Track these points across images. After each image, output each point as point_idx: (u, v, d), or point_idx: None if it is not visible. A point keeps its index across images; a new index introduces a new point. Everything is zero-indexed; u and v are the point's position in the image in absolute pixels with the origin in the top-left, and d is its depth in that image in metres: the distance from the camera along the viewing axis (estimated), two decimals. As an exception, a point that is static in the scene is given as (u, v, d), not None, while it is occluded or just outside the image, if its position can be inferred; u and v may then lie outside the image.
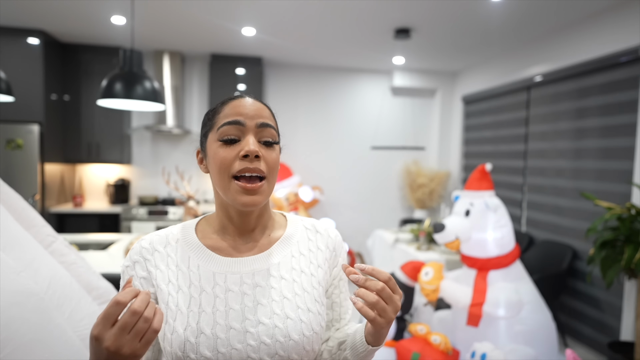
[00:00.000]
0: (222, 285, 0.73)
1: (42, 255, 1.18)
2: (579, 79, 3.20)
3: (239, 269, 0.75)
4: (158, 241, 0.77)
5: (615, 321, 2.83)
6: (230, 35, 3.75)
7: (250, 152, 0.71)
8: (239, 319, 0.70)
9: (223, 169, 0.72)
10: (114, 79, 2.22)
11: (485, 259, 2.25)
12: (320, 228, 0.85)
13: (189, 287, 0.72)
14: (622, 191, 2.80)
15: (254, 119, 0.74)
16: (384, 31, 3.53)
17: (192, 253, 0.76)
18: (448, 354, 2.14)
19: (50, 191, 3.97)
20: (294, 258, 0.79)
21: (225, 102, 0.77)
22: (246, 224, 0.78)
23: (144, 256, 0.76)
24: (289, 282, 0.76)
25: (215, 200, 0.80)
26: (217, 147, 0.73)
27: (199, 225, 0.81)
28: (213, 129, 0.75)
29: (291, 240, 0.81)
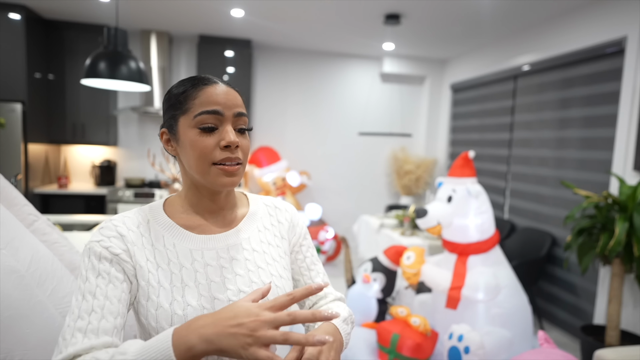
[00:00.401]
0: (200, 261, 0.77)
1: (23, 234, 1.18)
2: (564, 69, 3.24)
3: (214, 245, 0.79)
4: (130, 222, 0.77)
5: (589, 306, 2.94)
6: (219, 16, 3.70)
7: (232, 143, 0.74)
8: (221, 289, 0.76)
9: (203, 156, 0.74)
10: (97, 58, 2.19)
11: (465, 244, 2.30)
12: (278, 204, 0.93)
13: (168, 264, 0.75)
14: (602, 180, 2.88)
15: (232, 109, 0.76)
16: (374, 16, 3.52)
17: (165, 232, 0.78)
18: (427, 335, 2.21)
19: (34, 172, 3.92)
20: (261, 232, 0.86)
21: (198, 87, 0.76)
22: (217, 203, 0.82)
23: (120, 232, 0.75)
24: (260, 253, 0.83)
25: (184, 181, 0.82)
26: (195, 135, 0.75)
27: (167, 205, 0.83)
28: (187, 114, 0.76)
29: (255, 216, 0.88)
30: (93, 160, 4.45)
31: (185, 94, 0.77)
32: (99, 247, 0.72)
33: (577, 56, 3.07)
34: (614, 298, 2.41)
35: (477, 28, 3.72)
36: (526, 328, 2.31)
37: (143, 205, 0.83)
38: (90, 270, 0.71)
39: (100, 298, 0.69)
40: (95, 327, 0.66)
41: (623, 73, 2.71)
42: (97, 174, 4.31)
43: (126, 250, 0.74)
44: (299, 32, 4.10)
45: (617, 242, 2.22)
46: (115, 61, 2.19)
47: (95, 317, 0.67)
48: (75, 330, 0.66)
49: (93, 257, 0.72)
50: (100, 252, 0.72)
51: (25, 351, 0.95)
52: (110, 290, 0.70)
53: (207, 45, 4.37)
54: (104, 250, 0.72)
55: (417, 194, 5.08)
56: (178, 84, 0.80)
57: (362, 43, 4.42)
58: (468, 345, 1.99)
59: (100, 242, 0.73)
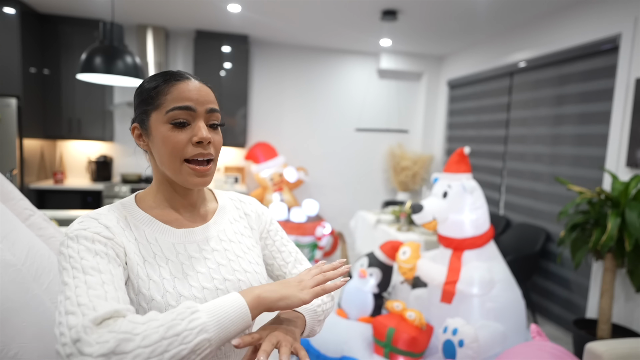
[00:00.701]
0: (184, 253, 0.79)
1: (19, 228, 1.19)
2: (559, 66, 3.26)
3: (194, 238, 0.82)
4: (106, 218, 0.75)
5: (582, 300, 2.97)
6: (216, 11, 3.69)
7: (204, 139, 0.75)
8: (208, 279, 0.78)
9: (175, 152, 0.75)
10: (93, 53, 2.18)
11: (460, 239, 2.32)
12: (242, 198, 0.98)
13: (154, 257, 0.76)
14: (595, 177, 2.90)
15: (204, 105, 0.77)
16: (371, 12, 3.52)
17: (145, 227, 0.78)
18: (422, 329, 2.23)
19: (30, 167, 3.91)
20: (232, 224, 0.90)
21: (170, 82, 0.76)
22: (190, 198, 0.85)
23: (103, 223, 0.73)
24: (236, 243, 0.87)
25: (156, 176, 0.83)
26: (167, 131, 0.75)
27: (139, 201, 0.83)
28: (159, 110, 0.76)
29: (225, 210, 0.92)
30: (89, 156, 4.44)
31: (158, 89, 0.76)
32: (89, 233, 0.69)
33: (572, 53, 3.08)
34: (605, 292, 2.44)
35: (474, 25, 3.73)
36: (519, 322, 2.34)
37: (112, 204, 0.81)
38: (85, 251, 0.66)
39: (107, 274, 0.64)
40: (114, 296, 0.62)
41: (617, 70, 2.73)
42: (93, 169, 4.30)
43: (114, 239, 0.72)
44: (296, 27, 4.10)
45: (609, 238, 2.25)
46: (111, 56, 2.19)
47: (109, 287, 0.62)
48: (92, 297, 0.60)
49: (84, 240, 0.67)
50: (92, 236, 0.68)
51: (21, 344, 0.96)
52: (113, 268, 0.66)
53: (204, 40, 4.35)
54: (95, 235, 0.69)
55: (413, 190, 5.10)
56: (150, 78, 0.80)
57: (359, 39, 4.42)
58: (462, 338, 2.01)
59: (88, 229, 0.69)
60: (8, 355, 0.92)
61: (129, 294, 0.72)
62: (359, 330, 2.37)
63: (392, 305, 2.33)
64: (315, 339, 2.35)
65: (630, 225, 2.21)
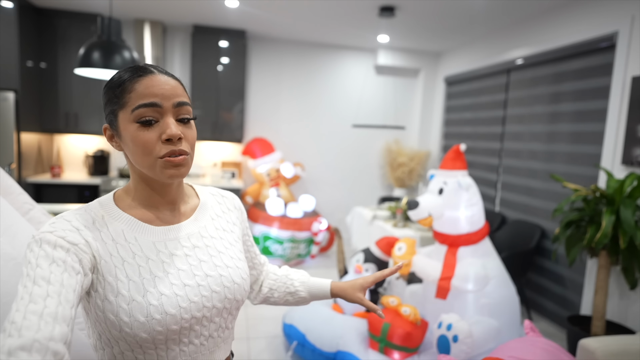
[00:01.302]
0: (165, 251, 0.78)
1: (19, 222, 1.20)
2: (556, 63, 3.28)
3: (175, 235, 0.81)
4: (82, 219, 0.73)
5: (576, 297, 3.01)
6: (213, 6, 3.68)
7: (174, 136, 0.72)
8: (189, 276, 0.77)
9: (146, 152, 0.72)
10: (91, 48, 2.18)
11: (455, 235, 2.35)
12: (223, 193, 0.97)
13: (134, 257, 0.74)
14: (591, 174, 2.93)
15: (171, 99, 0.73)
16: (368, 8, 3.52)
17: (124, 227, 0.76)
18: (417, 325, 2.26)
19: (27, 161, 3.90)
20: (214, 220, 0.90)
21: (134, 79, 0.73)
22: (169, 194, 0.82)
23: (75, 226, 0.70)
24: (218, 239, 0.87)
25: (133, 175, 0.80)
26: (135, 130, 0.72)
27: (117, 200, 0.80)
28: (125, 109, 0.73)
29: (207, 206, 0.90)
30: (86, 150, 4.44)
31: (122, 87, 0.73)
32: (53, 237, 0.66)
33: (569, 51, 3.10)
34: (600, 289, 2.47)
35: (471, 21, 3.74)
36: (513, 318, 2.37)
37: (89, 203, 0.79)
38: (43, 258, 0.63)
39: (56, 284, 0.61)
40: (52, 312, 0.58)
41: (613, 68, 2.75)
42: (90, 163, 4.30)
43: (86, 243, 0.70)
44: (293, 23, 4.09)
45: (603, 235, 2.28)
46: (109, 51, 2.19)
47: (51, 302, 0.59)
48: (27, 313, 0.57)
49: (46, 246, 0.65)
50: (56, 241, 0.66)
51: (22, 336, 0.97)
52: (66, 278, 0.63)
53: (201, 35, 4.34)
54: (60, 239, 0.66)
55: (410, 186, 5.13)
56: (115, 75, 0.76)
57: (356, 35, 4.42)
58: (456, 334, 2.04)
59: (54, 232, 0.67)
60: (9, 347, 0.93)
61: (107, 296, 0.70)
62: (354, 325, 2.39)
63: (388, 300, 2.36)
64: (311, 334, 2.37)
65: (625, 222, 2.24)
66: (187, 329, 0.76)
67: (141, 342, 0.71)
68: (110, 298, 0.70)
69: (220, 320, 0.82)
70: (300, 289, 1.05)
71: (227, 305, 0.82)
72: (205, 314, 0.78)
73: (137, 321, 0.70)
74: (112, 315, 0.70)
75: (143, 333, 0.70)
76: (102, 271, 0.71)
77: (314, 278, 1.07)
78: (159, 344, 0.73)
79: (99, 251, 0.71)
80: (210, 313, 0.79)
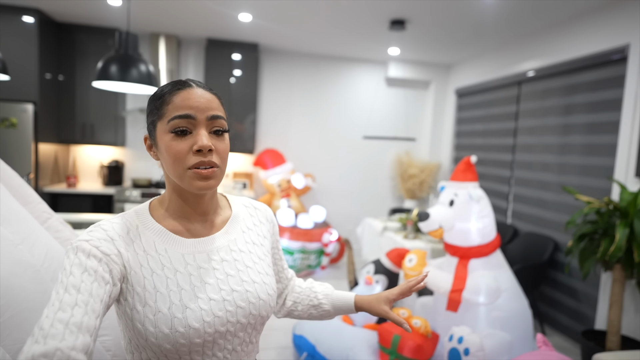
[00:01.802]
0: (193, 264, 0.79)
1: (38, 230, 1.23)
2: (568, 75, 3.27)
3: (204, 248, 0.82)
4: (119, 228, 0.76)
5: (591, 311, 2.95)
6: (227, 20, 3.76)
7: (204, 147, 0.74)
8: (215, 290, 0.78)
9: (177, 161, 0.75)
10: (109, 61, 2.25)
11: (466, 247, 2.33)
12: (256, 204, 0.98)
13: (162, 269, 0.76)
14: (604, 186, 2.89)
15: (205, 112, 0.76)
16: (379, 22, 3.56)
17: (156, 238, 0.78)
18: (428, 337, 2.24)
19: (44, 171, 4.00)
20: (245, 233, 0.90)
21: (173, 92, 0.77)
22: (201, 206, 0.84)
23: (110, 236, 0.74)
24: (247, 253, 0.87)
25: (167, 185, 0.83)
26: (170, 140, 0.75)
27: (152, 210, 0.83)
28: (162, 119, 0.76)
29: (238, 218, 0.91)
30: (101, 161, 4.53)
31: (162, 99, 0.77)
32: (88, 246, 0.70)
33: (580, 63, 3.09)
34: (614, 303, 2.42)
35: (482, 33, 3.76)
36: (526, 331, 2.33)
37: (127, 211, 0.82)
38: (76, 266, 0.67)
39: (85, 294, 0.65)
40: (78, 321, 0.62)
41: (626, 80, 2.74)
42: (105, 173, 4.38)
43: (118, 254, 0.73)
44: (305, 36, 4.16)
45: (617, 248, 2.24)
46: (126, 64, 2.25)
47: (78, 311, 0.63)
48: (55, 320, 0.61)
49: (81, 254, 0.69)
50: (90, 250, 0.70)
51: (40, 341, 1.00)
52: (95, 288, 0.67)
53: (215, 48, 4.43)
54: (94, 248, 0.70)
55: (420, 197, 5.11)
56: (159, 89, 0.80)
57: (367, 47, 4.47)
58: (468, 347, 2.02)
59: (90, 242, 0.71)
60: (27, 352, 0.96)
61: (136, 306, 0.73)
62: (364, 337, 2.38)
63: (398, 312, 2.34)
64: (321, 345, 2.36)
65: (639, 235, 2.20)
66: (210, 342, 0.76)
67: (166, 352, 0.73)
68: (138, 308, 0.73)
69: (245, 335, 0.82)
70: (324, 302, 1.03)
71: (251, 320, 0.81)
72: (229, 329, 0.78)
73: (161, 332, 0.71)
74: (139, 324, 0.72)
75: (167, 344, 0.72)
76: (131, 281, 0.74)
77: (338, 291, 1.05)
78: (183, 355, 0.74)
79: (130, 262, 0.74)
80: (235, 328, 0.79)
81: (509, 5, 3.02)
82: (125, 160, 4.65)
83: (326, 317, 1.05)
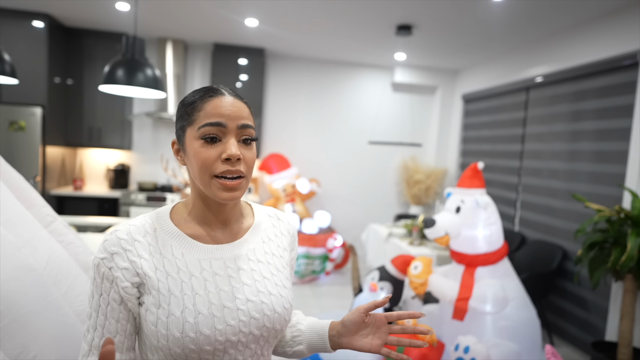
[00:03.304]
0: (209, 270, 0.78)
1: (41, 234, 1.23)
2: (577, 81, 3.23)
3: (221, 255, 0.81)
4: (136, 231, 0.77)
5: (601, 322, 2.89)
6: (233, 25, 3.77)
7: (233, 157, 0.74)
8: (229, 298, 0.77)
9: (204, 168, 0.75)
10: (116, 65, 2.26)
11: (473, 255, 2.30)
12: (280, 215, 0.95)
13: (178, 272, 0.76)
14: (614, 194, 2.85)
15: (236, 120, 0.76)
16: (386, 27, 3.56)
17: (173, 241, 0.79)
18: (433, 346, 2.20)
19: (51, 174, 4.02)
20: (265, 243, 0.88)
21: (204, 99, 0.77)
22: (223, 214, 0.83)
23: (123, 247, 0.75)
24: (265, 264, 0.85)
25: (192, 190, 0.83)
26: (199, 146, 0.75)
27: (173, 213, 0.83)
28: (192, 125, 0.76)
29: (260, 228, 0.89)
30: (107, 164, 4.55)
31: (193, 105, 0.77)
32: (103, 267, 0.75)
33: (590, 69, 3.06)
34: (626, 314, 2.37)
35: (489, 39, 3.73)
36: (534, 342, 2.29)
37: (150, 212, 0.83)
38: (96, 288, 0.76)
39: (102, 317, 0.75)
40: (97, 344, 0.75)
41: (637, 86, 2.70)
42: (111, 177, 4.40)
43: (129, 268, 0.74)
44: (311, 41, 4.16)
45: (629, 258, 2.20)
46: (132, 68, 2.26)
47: (97, 334, 0.75)
48: (85, 341, 0.76)
49: (97, 275, 0.75)
50: (104, 273, 0.74)
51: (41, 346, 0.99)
52: (109, 312, 0.75)
53: (221, 53, 4.45)
54: (107, 270, 0.74)
55: (426, 203, 5.07)
56: (190, 94, 0.81)
57: (373, 53, 4.46)
58: (474, 357, 1.98)
59: (104, 261, 0.75)
60: (27, 357, 0.95)
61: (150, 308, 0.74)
62: (369, 345, 2.34)
63: (403, 320, 2.31)
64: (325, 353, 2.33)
65: (650, 245, 2.16)
66: (221, 351, 0.75)
67: (176, 356, 0.73)
68: (152, 309, 0.74)
69: (257, 347, 0.80)
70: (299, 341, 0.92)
71: (264, 333, 0.80)
72: (241, 339, 0.77)
73: (172, 335, 0.72)
74: (152, 325, 0.73)
75: (177, 348, 0.72)
76: (147, 285, 0.75)
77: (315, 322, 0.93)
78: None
79: (143, 267, 0.75)
80: (247, 339, 0.77)
81: (516, 10, 3.00)
82: (132, 164, 4.66)
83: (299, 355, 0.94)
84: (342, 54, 4.61)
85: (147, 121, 4.63)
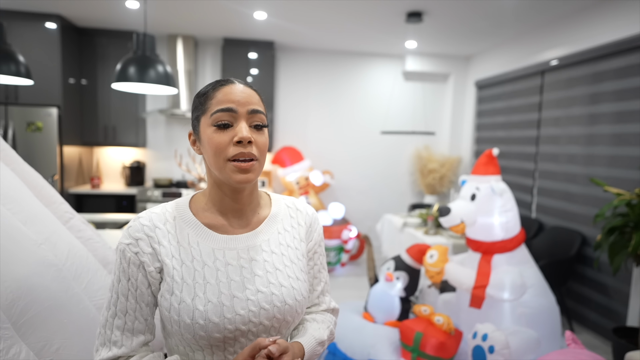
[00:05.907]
0: (222, 260, 0.80)
1: (60, 230, 1.26)
2: (594, 63, 3.14)
3: (235, 245, 0.82)
4: (157, 219, 0.81)
5: (622, 307, 2.84)
6: (243, 19, 3.77)
7: (244, 139, 0.77)
8: (240, 288, 0.78)
9: (218, 152, 0.77)
10: (127, 63, 2.28)
11: (489, 242, 2.27)
12: (299, 206, 0.95)
13: (192, 261, 0.79)
14: (634, 177, 2.77)
15: (245, 106, 0.79)
16: (396, 15, 3.50)
17: (190, 230, 0.81)
18: (451, 334, 2.19)
19: (69, 172, 4.11)
20: (280, 234, 0.88)
21: (216, 88, 0.80)
22: (239, 201, 0.84)
23: (146, 233, 0.79)
24: (279, 255, 0.85)
25: (209, 179, 0.85)
26: (212, 133, 0.78)
27: (193, 203, 0.86)
28: (206, 114, 0.79)
29: (277, 218, 0.90)
30: (123, 162, 4.62)
31: (206, 95, 0.81)
32: (129, 252, 0.78)
33: (607, 49, 2.96)
34: (648, 299, 2.32)
35: (502, 23, 3.65)
36: (554, 328, 2.26)
37: (170, 202, 0.86)
38: (122, 273, 0.78)
39: (132, 301, 0.78)
40: (130, 327, 0.78)
41: (657, 66, 2.61)
42: (127, 174, 4.47)
43: (152, 253, 0.78)
44: (320, 32, 4.13)
45: (650, 241, 2.14)
46: (144, 66, 2.28)
47: (129, 318, 0.78)
48: (114, 327, 0.78)
49: (123, 261, 0.78)
50: (130, 258, 0.78)
51: (63, 339, 1.02)
52: (139, 295, 0.78)
53: (231, 47, 4.45)
54: (133, 255, 0.78)
55: (441, 192, 5.02)
56: (203, 87, 0.84)
57: (384, 42, 4.41)
58: (492, 344, 1.97)
59: (130, 246, 0.78)
60: (51, 349, 0.98)
61: (164, 294, 0.77)
62: (385, 334, 2.35)
63: (420, 309, 2.31)
64: (342, 343, 2.35)
65: (673, 228, 2.10)
66: (231, 339, 0.77)
67: (188, 341, 0.76)
68: (166, 295, 0.77)
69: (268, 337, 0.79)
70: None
71: (275, 324, 0.80)
72: (252, 329, 0.78)
73: (183, 322, 0.75)
74: (166, 311, 0.77)
75: (188, 334, 0.75)
76: (165, 271, 0.78)
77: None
78: (204, 347, 0.77)
79: (162, 255, 0.78)
80: (257, 329, 0.79)
81: (530, -8, 2.92)
82: (147, 161, 4.73)
83: None
84: (352, 44, 4.56)
85: (161, 118, 4.68)
